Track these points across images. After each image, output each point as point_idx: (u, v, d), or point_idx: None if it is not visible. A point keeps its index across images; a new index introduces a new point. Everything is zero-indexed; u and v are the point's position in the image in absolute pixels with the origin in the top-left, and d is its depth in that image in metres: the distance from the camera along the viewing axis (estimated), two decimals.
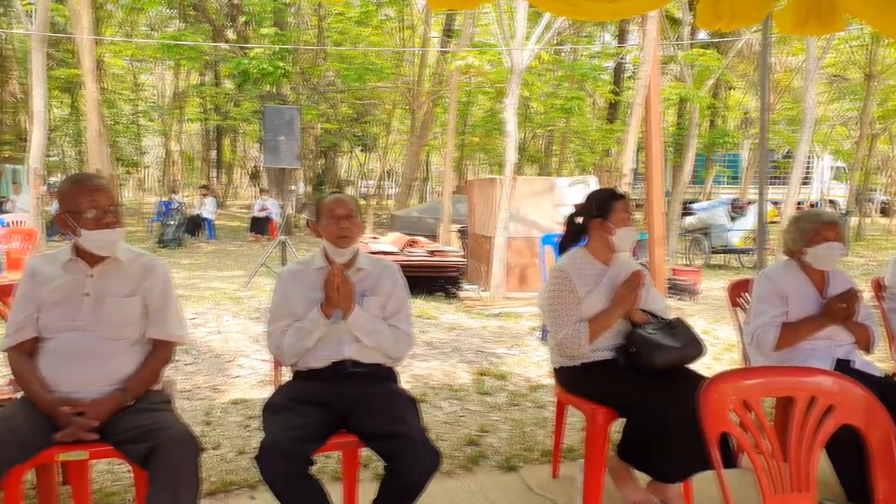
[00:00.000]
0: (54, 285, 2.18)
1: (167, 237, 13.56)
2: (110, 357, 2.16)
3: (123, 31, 21.70)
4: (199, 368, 4.60)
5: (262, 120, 8.93)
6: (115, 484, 2.79)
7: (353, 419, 2.17)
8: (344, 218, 2.38)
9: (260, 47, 13.55)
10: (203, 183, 24.80)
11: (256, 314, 6.51)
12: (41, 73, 8.33)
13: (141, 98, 25.69)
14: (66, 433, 1.98)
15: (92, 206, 2.14)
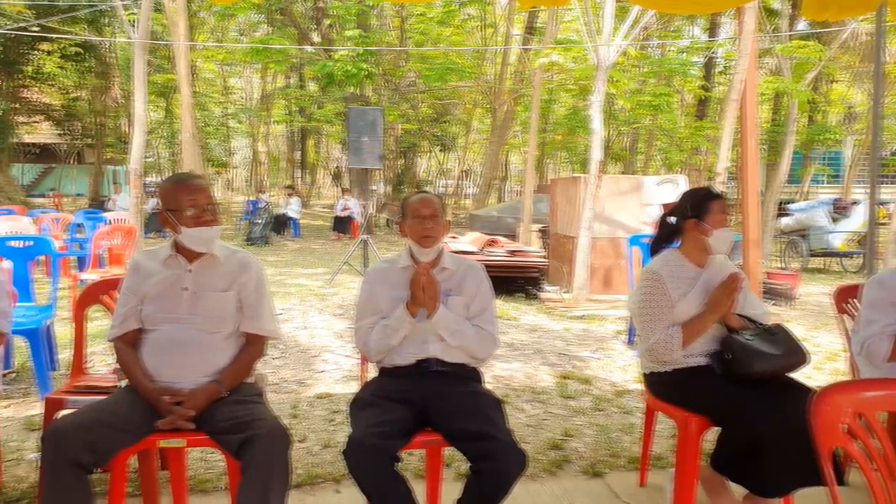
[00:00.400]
0: (156, 279, 2.31)
1: (254, 235, 14.13)
2: (206, 349, 2.26)
3: (215, 36, 22.78)
4: (286, 362, 4.76)
5: (347, 121, 9.16)
6: (208, 471, 2.93)
7: (437, 418, 2.19)
8: (428, 218, 2.40)
9: (344, 49, 13.89)
10: (288, 183, 25.70)
11: (340, 311, 6.68)
12: (142, 79, 8.86)
13: (230, 101, 26.89)
14: (166, 421, 2.09)
15: (191, 205, 2.25)
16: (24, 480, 2.86)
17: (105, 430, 2.02)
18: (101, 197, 21.97)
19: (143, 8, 8.66)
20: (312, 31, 17.91)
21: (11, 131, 20.78)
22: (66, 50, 19.96)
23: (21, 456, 3.13)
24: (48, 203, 19.66)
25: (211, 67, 22.23)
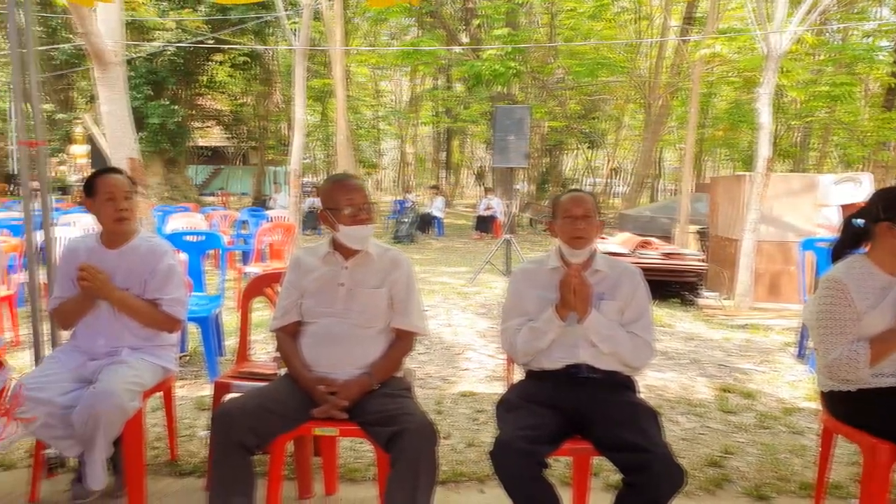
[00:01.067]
0: (315, 275, 2.45)
1: (401, 234, 14.65)
2: (360, 343, 2.37)
3: (367, 41, 23.91)
4: (430, 358, 4.89)
5: (493, 120, 9.22)
6: (357, 461, 3.06)
7: (588, 425, 2.13)
8: (581, 218, 2.34)
9: (492, 48, 14.01)
10: (433, 183, 26.40)
11: (483, 310, 6.75)
12: (302, 84, 9.49)
13: (381, 104, 28.11)
14: (321, 410, 2.21)
15: (349, 204, 2.36)
16: (196, 455, 3.16)
17: (267, 415, 2.17)
18: (263, 196, 23.85)
19: (304, 17, 9.28)
20: (461, 31, 18.26)
21: (188, 135, 23.09)
22: (236, 59, 21.88)
23: (193, 433, 3.46)
24: (217, 201, 21.66)
25: (363, 71, 23.39)
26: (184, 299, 2.84)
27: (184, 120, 21.15)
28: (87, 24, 4.87)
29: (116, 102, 5.38)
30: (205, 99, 25.21)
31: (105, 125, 5.58)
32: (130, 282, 2.73)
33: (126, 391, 2.49)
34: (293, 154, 9.86)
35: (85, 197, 2.79)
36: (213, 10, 18.10)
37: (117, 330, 2.73)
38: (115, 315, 2.71)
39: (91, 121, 15.83)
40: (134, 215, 2.84)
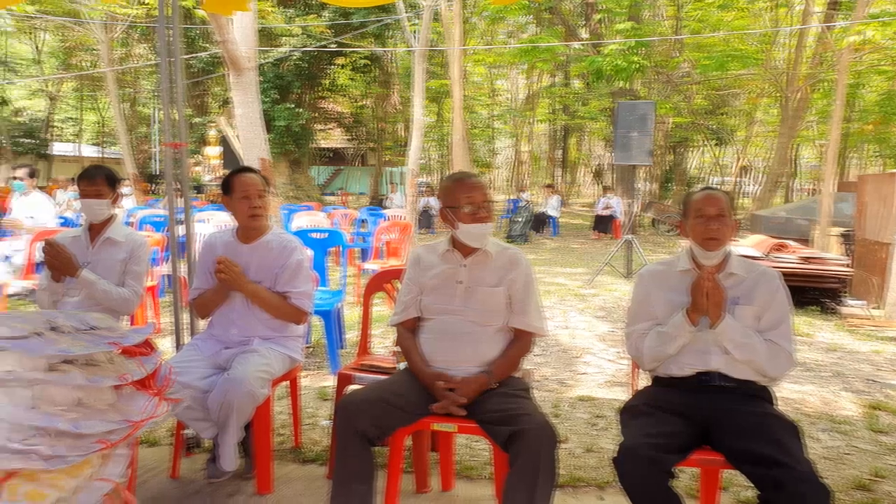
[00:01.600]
0: (434, 272, 2.49)
1: (515, 233, 14.61)
2: (478, 341, 2.38)
3: (484, 40, 24.04)
4: (546, 360, 4.84)
5: (615, 116, 9.00)
6: (473, 459, 3.08)
7: (720, 436, 2.02)
8: (714, 218, 2.23)
9: (614, 43, 13.66)
10: (548, 181, 26.11)
11: (602, 313, 6.60)
12: (421, 85, 9.70)
13: (496, 103, 28.16)
14: (439, 406, 2.25)
15: (468, 202, 2.39)
16: (319, 444, 3.31)
17: (388, 408, 2.23)
18: (380, 195, 24.61)
19: (424, 19, 9.47)
20: (580, 27, 17.95)
21: (311, 137, 24.25)
22: (356, 63, 22.71)
23: (315, 422, 3.62)
24: (337, 200, 22.56)
25: (480, 71, 23.55)
26: (311, 293, 2.99)
27: (307, 122, 22.21)
28: (225, 33, 5.24)
29: (249, 105, 5.74)
30: (327, 102, 26.33)
31: (238, 127, 5.98)
32: (262, 275, 2.91)
33: (257, 379, 2.65)
34: (410, 154, 10.08)
35: (223, 195, 3.00)
36: (336, 15, 18.87)
37: (250, 320, 2.91)
38: (248, 306, 2.90)
39: (225, 123, 17.02)
40: (266, 212, 3.03)
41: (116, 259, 3.21)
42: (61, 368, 1.49)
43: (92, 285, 3.04)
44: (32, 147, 28.31)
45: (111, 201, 3.29)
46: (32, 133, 29.07)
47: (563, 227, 17.45)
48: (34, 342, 1.44)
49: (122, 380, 1.57)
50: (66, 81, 28.18)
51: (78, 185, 3.34)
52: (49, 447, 1.36)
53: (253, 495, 2.75)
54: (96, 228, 3.27)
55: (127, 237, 3.29)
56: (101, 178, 3.25)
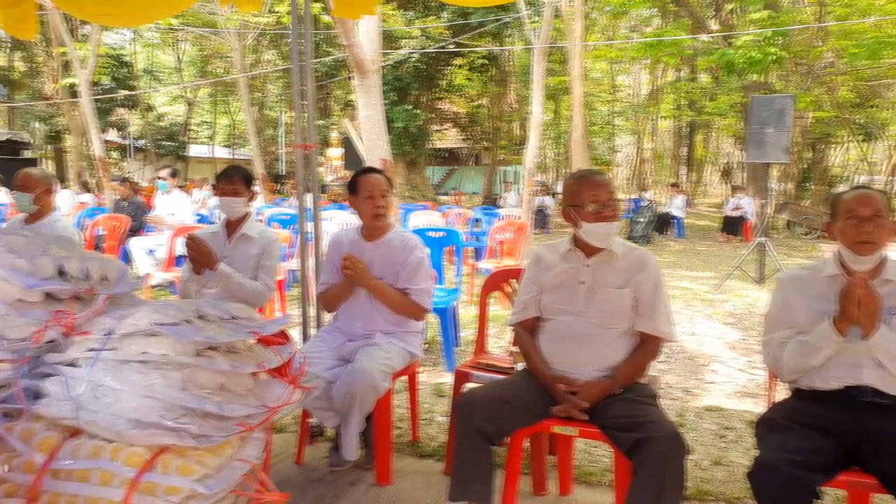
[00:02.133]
0: (555, 272, 2.47)
1: (636, 234, 14.18)
2: (601, 344, 2.34)
3: (605, 35, 23.52)
4: (671, 367, 4.67)
5: (748, 112, 8.54)
6: (592, 464, 3.03)
7: (872, 457, 1.87)
8: (868, 219, 2.06)
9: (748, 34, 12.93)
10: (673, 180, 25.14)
11: (732, 319, 6.28)
12: (540, 83, 9.63)
13: (617, 99, 27.48)
14: (560, 408, 2.23)
15: (593, 200, 2.35)
16: (435, 439, 3.37)
17: (507, 407, 2.24)
18: (494, 195, 24.68)
19: (545, 16, 9.40)
20: (709, 18, 17.14)
21: (427, 138, 24.73)
22: (474, 63, 22.92)
23: (432, 417, 3.70)
24: (450, 200, 22.87)
25: (602, 67, 23.05)
26: (430, 290, 3.06)
27: (424, 123, 22.67)
28: (351, 36, 5.46)
29: (372, 107, 5.95)
30: (443, 102, 26.75)
31: (362, 129, 6.21)
32: (385, 271, 3.01)
33: (378, 371, 2.75)
34: (528, 153, 10.04)
35: (348, 194, 3.13)
36: (455, 16, 19.12)
37: (373, 315, 3.03)
38: (371, 301, 3.01)
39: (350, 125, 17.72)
40: (389, 212, 3.13)
41: (251, 254, 3.42)
42: (207, 354, 1.61)
43: (228, 278, 3.26)
44: (172, 149, 30.81)
45: (247, 200, 3.51)
46: (172, 136, 31.62)
47: (688, 228, 16.73)
48: (185, 328, 1.57)
49: (260, 367, 1.68)
50: (202, 87, 30.40)
51: (217, 184, 3.61)
52: (198, 426, 1.48)
53: (373, 485, 2.85)
54: (233, 225, 3.51)
55: (260, 234, 3.51)
56: (239, 177, 3.48)
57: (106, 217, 8.07)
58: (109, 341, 1.58)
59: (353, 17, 3.02)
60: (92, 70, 10.82)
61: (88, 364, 1.57)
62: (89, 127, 10.73)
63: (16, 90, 26.68)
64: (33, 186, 3.92)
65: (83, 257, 1.81)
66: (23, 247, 1.75)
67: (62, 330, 1.62)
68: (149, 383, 1.50)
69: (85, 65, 10.53)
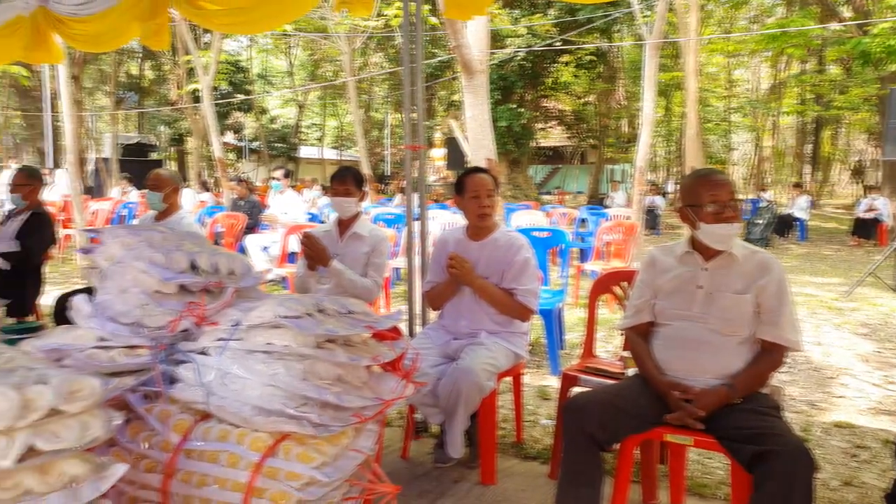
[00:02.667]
0: (670, 275, 2.40)
1: (753, 236, 13.47)
2: (719, 351, 2.25)
3: (722, 28, 22.52)
4: (793, 379, 4.42)
5: (886, 105, 7.95)
6: (706, 476, 2.92)
7: None
8: None
9: (888, 21, 11.98)
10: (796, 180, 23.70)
11: (864, 330, 5.86)
12: (651, 79, 9.33)
13: (733, 94, 26.22)
14: (674, 416, 2.16)
15: (712, 200, 2.26)
16: (539, 442, 3.36)
17: (618, 413, 2.20)
18: (600, 194, 24.18)
19: (659, 9, 9.11)
20: (841, 5, 16.03)
21: (531, 137, 24.58)
22: (581, 59, 22.57)
23: (536, 419, 3.69)
24: (554, 199, 22.62)
25: (718, 60, 22.06)
26: (537, 291, 3.06)
27: (528, 122, 22.56)
28: (460, 37, 5.53)
29: (479, 107, 6.00)
30: (548, 100, 26.50)
31: (467, 128, 6.27)
32: (490, 271, 3.04)
33: (484, 371, 2.78)
34: (639, 151, 9.76)
35: (455, 194, 3.18)
36: (562, 13, 18.90)
37: (478, 314, 3.06)
38: (476, 300, 3.05)
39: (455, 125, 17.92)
40: (494, 211, 3.16)
41: (361, 252, 3.55)
42: (326, 346, 1.69)
43: (340, 275, 3.39)
44: (284, 150, 32.30)
45: (358, 199, 3.64)
46: (284, 138, 33.15)
47: (812, 230, 15.72)
48: (306, 321, 1.66)
49: (375, 360, 1.75)
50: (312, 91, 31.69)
51: (330, 184, 3.76)
52: (317, 415, 1.56)
53: (477, 484, 2.88)
54: (345, 224, 3.64)
55: (370, 232, 3.62)
56: (351, 178, 3.62)
57: (224, 215, 8.58)
58: (237, 332, 1.69)
59: (463, 18, 3.07)
60: (213, 76, 11.54)
61: (218, 353, 1.69)
62: (210, 130, 11.44)
63: (145, 97, 28.89)
64: (163, 186, 4.24)
65: (212, 253, 1.95)
66: (160, 242, 1.91)
67: (195, 320, 1.75)
68: (272, 372, 1.60)
69: (207, 71, 11.24)
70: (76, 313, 1.83)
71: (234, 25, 3.96)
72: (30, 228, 4.40)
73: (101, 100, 28.79)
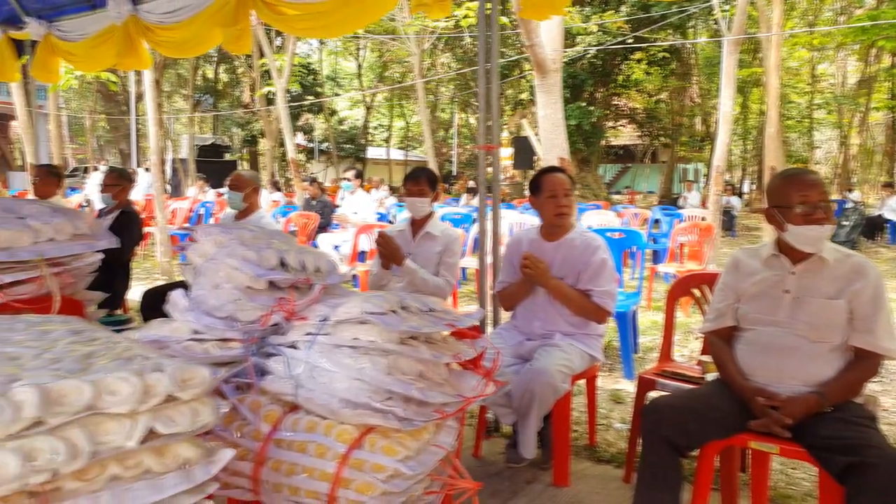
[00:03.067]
0: (755, 279, 2.34)
1: (839, 239, 12.87)
2: (809, 358, 2.18)
3: (805, 21, 21.64)
4: (885, 389, 4.23)
5: None
6: (790, 487, 2.84)
7: None
8: None
9: None
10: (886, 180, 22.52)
11: None
12: (730, 76, 9.06)
13: (816, 90, 25.15)
14: (760, 423, 2.11)
15: (803, 201, 2.19)
16: (613, 445, 3.34)
17: (698, 418, 2.17)
18: (673, 194, 23.61)
19: (739, 4, 8.83)
20: None
21: (601, 135, 24.23)
22: (654, 56, 22.10)
23: (609, 423, 3.66)
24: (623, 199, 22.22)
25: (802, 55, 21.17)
26: (614, 293, 3.04)
27: (598, 120, 22.25)
28: (533, 37, 5.53)
29: (552, 106, 5.98)
30: (619, 98, 26.08)
31: (540, 127, 6.26)
32: (565, 272, 3.03)
33: (558, 372, 2.78)
34: (717, 149, 9.49)
35: (530, 194, 3.19)
36: (635, 9, 18.55)
37: (552, 315, 3.06)
38: (550, 301, 3.05)
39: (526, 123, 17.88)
40: (572, 211, 3.15)
41: (434, 251, 3.60)
42: (409, 343, 1.74)
43: (413, 273, 3.45)
44: (352, 151, 32.91)
45: (431, 200, 3.70)
46: (352, 139, 33.77)
47: None
48: (391, 318, 1.71)
49: (456, 358, 1.78)
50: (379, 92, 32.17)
51: (404, 184, 3.84)
52: (402, 410, 1.61)
53: (549, 485, 2.89)
54: (418, 223, 3.71)
55: (443, 232, 3.68)
56: (425, 178, 3.68)
57: (297, 214, 8.83)
58: (325, 327, 1.76)
59: (540, 17, 3.08)
60: (287, 79, 11.88)
61: (306, 347, 1.76)
62: (284, 131, 11.79)
63: (219, 99, 29.99)
64: (243, 186, 4.41)
65: (300, 251, 2.03)
66: (250, 240, 2.00)
67: (285, 315, 1.83)
68: (359, 367, 1.66)
69: (281, 74, 11.59)
70: (173, 307, 1.95)
71: (314, 30, 4.08)
72: (119, 226, 4.63)
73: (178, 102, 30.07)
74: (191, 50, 4.87)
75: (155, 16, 4.64)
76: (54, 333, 1.24)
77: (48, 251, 2.21)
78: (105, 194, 4.76)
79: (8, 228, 2.11)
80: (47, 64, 5.43)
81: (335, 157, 29.98)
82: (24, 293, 2.17)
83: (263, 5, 3.97)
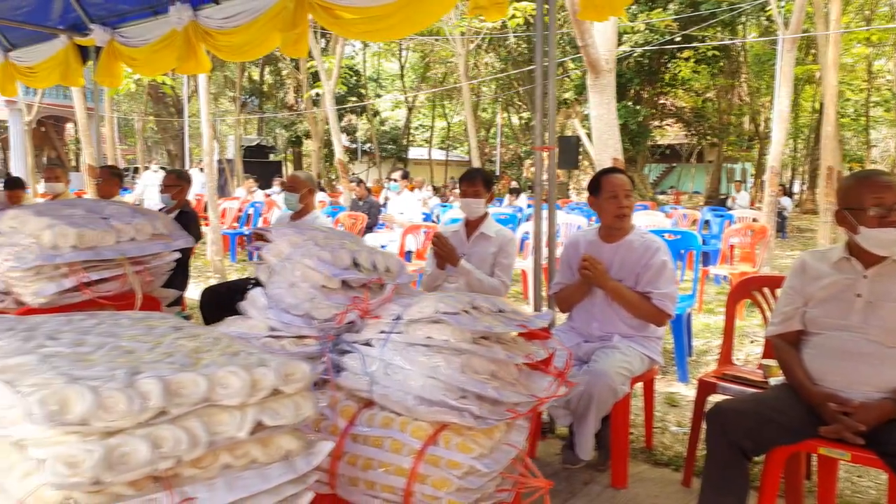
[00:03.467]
0: (825, 282, 2.30)
1: None
2: (883, 363, 2.15)
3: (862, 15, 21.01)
4: None
5: None
6: (856, 494, 2.79)
7: None
8: None
9: None
10: None
11: None
12: (789, 74, 8.86)
13: (874, 87, 24.41)
14: (830, 429, 2.09)
15: (875, 203, 2.15)
16: (670, 448, 3.33)
17: (765, 422, 2.16)
18: (720, 195, 23.17)
19: (798, 1, 8.62)
20: None
21: (647, 135, 23.92)
22: (702, 55, 21.73)
23: (664, 426, 3.65)
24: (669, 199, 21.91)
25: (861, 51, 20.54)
26: (674, 295, 3.02)
27: (644, 119, 21.97)
28: (587, 37, 5.52)
29: (605, 106, 5.96)
30: (666, 97, 25.70)
31: (593, 127, 6.24)
32: (624, 273, 3.03)
33: (617, 374, 2.79)
34: (772, 149, 9.31)
35: (589, 194, 3.19)
36: (683, 7, 18.28)
37: (610, 317, 3.06)
38: (608, 303, 3.05)
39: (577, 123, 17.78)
40: (631, 212, 3.14)
41: (488, 252, 3.64)
42: (481, 342, 1.78)
43: (468, 274, 3.49)
44: (394, 152, 33.15)
45: (486, 201, 3.73)
46: (395, 140, 34.01)
47: None
48: (464, 318, 1.75)
49: (528, 358, 1.82)
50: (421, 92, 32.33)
51: (459, 185, 3.88)
52: (478, 408, 1.65)
53: (607, 487, 2.90)
54: (472, 224, 3.75)
55: (497, 233, 3.70)
56: (480, 179, 3.72)
57: (345, 215, 8.96)
58: (398, 325, 1.81)
59: (599, 18, 3.08)
60: (336, 80, 12.05)
61: (380, 344, 1.81)
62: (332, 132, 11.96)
63: (264, 101, 30.53)
64: (299, 188, 4.51)
65: (371, 251, 2.09)
66: (324, 241, 2.06)
67: (359, 313, 1.89)
68: (433, 365, 1.70)
69: (329, 76, 11.76)
70: (252, 304, 2.02)
71: (371, 33, 4.16)
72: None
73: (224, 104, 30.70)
74: (249, 53, 4.99)
75: (214, 21, 4.78)
76: (158, 329, 1.32)
77: (130, 250, 2.32)
78: (165, 195, 4.92)
79: (94, 228, 2.22)
80: (111, 69, 5.63)
81: (378, 158, 30.23)
82: (109, 290, 2.27)
83: (321, 9, 4.05)
